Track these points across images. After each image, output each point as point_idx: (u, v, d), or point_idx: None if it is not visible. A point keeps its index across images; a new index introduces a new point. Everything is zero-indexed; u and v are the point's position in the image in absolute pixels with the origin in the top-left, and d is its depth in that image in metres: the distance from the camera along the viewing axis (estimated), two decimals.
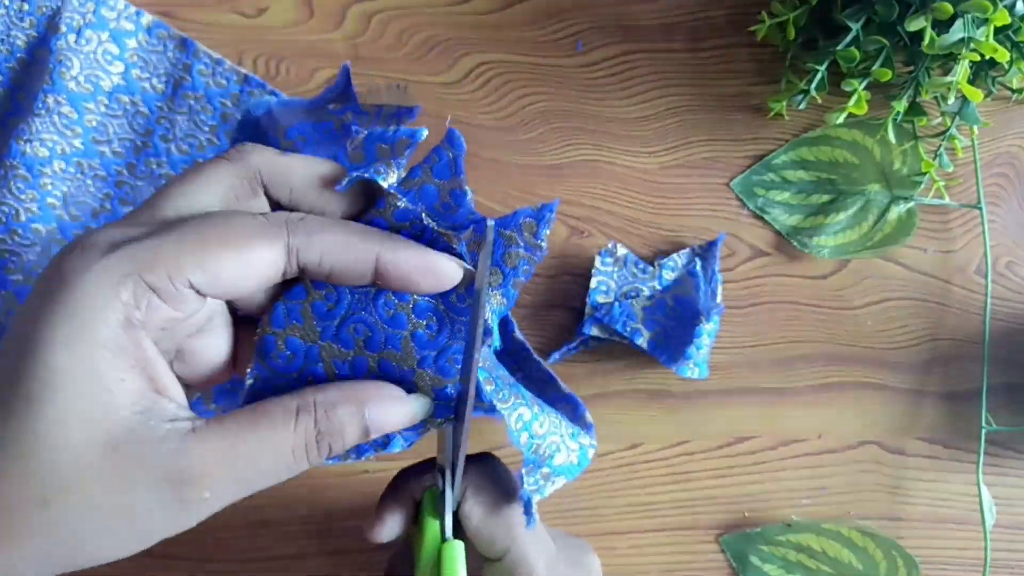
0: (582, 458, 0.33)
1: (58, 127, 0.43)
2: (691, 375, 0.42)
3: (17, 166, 0.42)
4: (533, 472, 0.30)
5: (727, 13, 0.47)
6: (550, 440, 0.30)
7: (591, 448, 0.34)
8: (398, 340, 0.26)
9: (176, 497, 0.22)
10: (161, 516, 0.22)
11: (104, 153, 0.44)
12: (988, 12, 0.36)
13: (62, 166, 0.43)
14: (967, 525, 0.45)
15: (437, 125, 0.46)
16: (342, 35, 0.46)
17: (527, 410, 0.29)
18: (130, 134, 0.45)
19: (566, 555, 0.33)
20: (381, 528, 0.31)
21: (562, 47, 0.47)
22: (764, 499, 0.45)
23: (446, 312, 0.27)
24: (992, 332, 0.45)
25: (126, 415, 0.22)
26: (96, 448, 0.21)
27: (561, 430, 0.32)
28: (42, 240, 0.43)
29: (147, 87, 0.45)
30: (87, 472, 0.21)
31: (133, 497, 0.22)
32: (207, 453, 0.22)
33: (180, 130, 0.45)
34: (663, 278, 0.45)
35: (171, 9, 0.45)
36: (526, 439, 0.29)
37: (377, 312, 0.26)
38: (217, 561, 0.43)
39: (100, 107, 0.44)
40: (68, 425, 0.21)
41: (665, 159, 0.47)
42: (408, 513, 0.31)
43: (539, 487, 0.30)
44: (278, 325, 0.26)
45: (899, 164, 0.46)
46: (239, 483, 0.23)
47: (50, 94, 0.43)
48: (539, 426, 0.30)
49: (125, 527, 0.22)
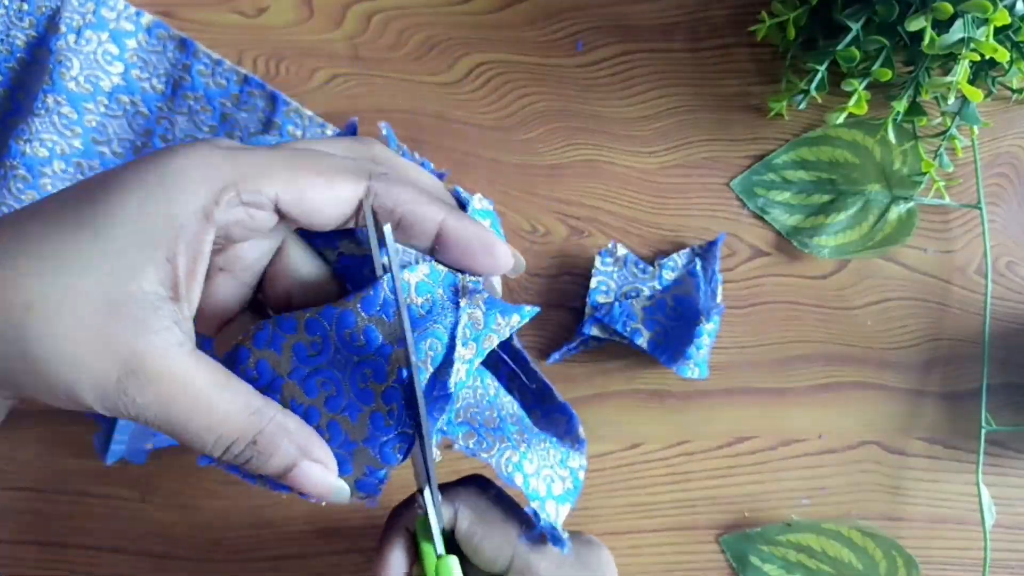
0: (575, 482, 0.33)
1: (58, 127, 0.43)
2: (691, 375, 0.42)
3: (17, 166, 0.42)
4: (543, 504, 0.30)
5: (727, 13, 0.47)
6: (544, 474, 0.31)
7: (581, 470, 0.34)
8: (357, 413, 0.27)
9: (118, 382, 0.23)
10: (94, 386, 0.23)
11: (104, 153, 0.44)
12: (988, 12, 0.36)
13: (62, 166, 0.43)
14: (967, 525, 0.45)
15: (437, 125, 0.46)
16: (342, 35, 0.46)
17: (513, 452, 0.29)
18: (130, 134, 0.45)
19: (575, 554, 0.33)
20: (386, 569, 0.31)
21: (562, 47, 0.47)
22: (764, 499, 0.45)
23: (406, 407, 0.27)
24: (992, 332, 0.45)
25: (149, 290, 0.23)
26: (98, 299, 0.22)
27: (550, 460, 0.32)
28: None
29: (147, 87, 0.45)
30: (77, 307, 0.22)
31: (91, 357, 0.23)
32: (164, 376, 0.23)
33: (180, 130, 0.45)
34: (663, 278, 0.45)
35: (171, 9, 0.45)
36: (521, 479, 0.29)
37: (351, 379, 0.27)
38: (217, 561, 0.43)
39: (100, 107, 0.44)
40: (93, 266, 0.23)
41: (665, 159, 0.47)
42: (407, 547, 0.31)
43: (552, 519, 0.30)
44: (258, 344, 0.27)
45: (899, 164, 0.46)
46: (165, 422, 0.24)
47: (50, 94, 0.43)
48: (528, 464, 0.30)
49: (69, 373, 0.23)
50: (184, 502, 0.44)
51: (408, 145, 0.46)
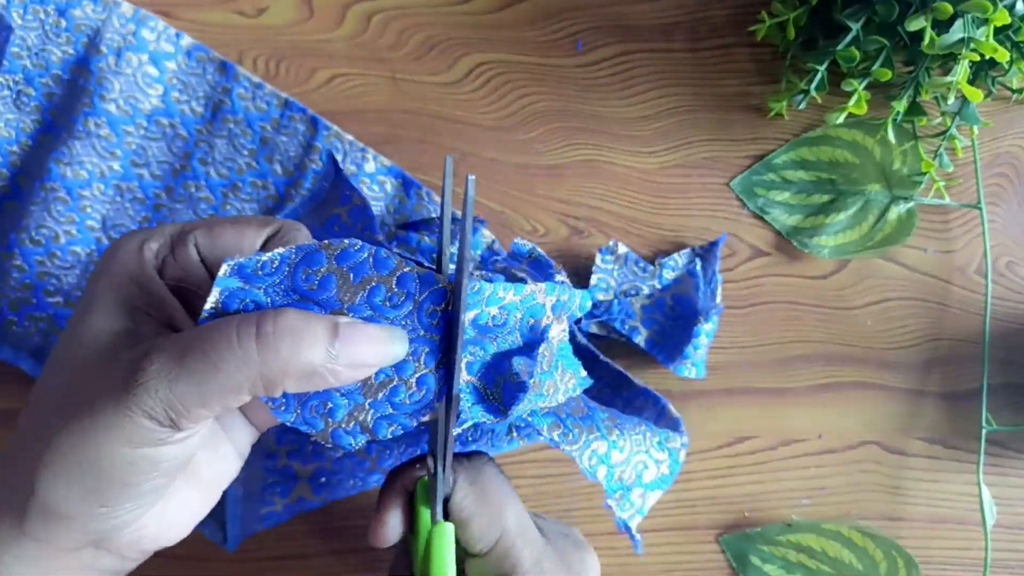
0: (673, 465, 0.33)
1: (98, 150, 0.43)
2: (688, 375, 0.42)
3: (57, 188, 0.42)
4: (625, 497, 0.30)
5: (727, 13, 0.47)
6: (636, 460, 0.31)
7: (682, 449, 0.34)
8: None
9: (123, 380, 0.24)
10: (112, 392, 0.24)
11: (143, 176, 0.44)
12: (988, 12, 0.36)
13: (101, 188, 0.43)
14: (967, 525, 0.45)
15: (437, 125, 0.46)
16: (342, 35, 0.46)
17: (602, 443, 0.29)
18: (169, 157, 0.45)
19: (558, 552, 0.32)
20: (383, 530, 0.31)
21: (562, 47, 0.47)
22: (764, 499, 0.45)
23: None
24: (992, 332, 0.45)
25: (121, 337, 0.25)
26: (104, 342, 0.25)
27: (646, 444, 0.32)
28: (81, 263, 0.43)
29: (186, 110, 0.45)
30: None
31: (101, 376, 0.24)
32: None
33: (219, 153, 0.44)
34: (663, 277, 0.45)
35: (171, 9, 0.45)
36: (604, 472, 0.29)
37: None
38: (217, 561, 0.43)
39: (139, 130, 0.44)
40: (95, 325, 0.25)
41: (665, 159, 0.47)
42: (405, 509, 0.31)
43: (638, 508, 0.30)
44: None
45: (899, 164, 0.46)
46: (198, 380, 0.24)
47: (90, 117, 0.43)
48: (618, 453, 0.30)
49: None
50: None
51: (409, 145, 0.46)
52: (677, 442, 0.34)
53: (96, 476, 0.23)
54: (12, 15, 0.44)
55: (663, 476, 0.32)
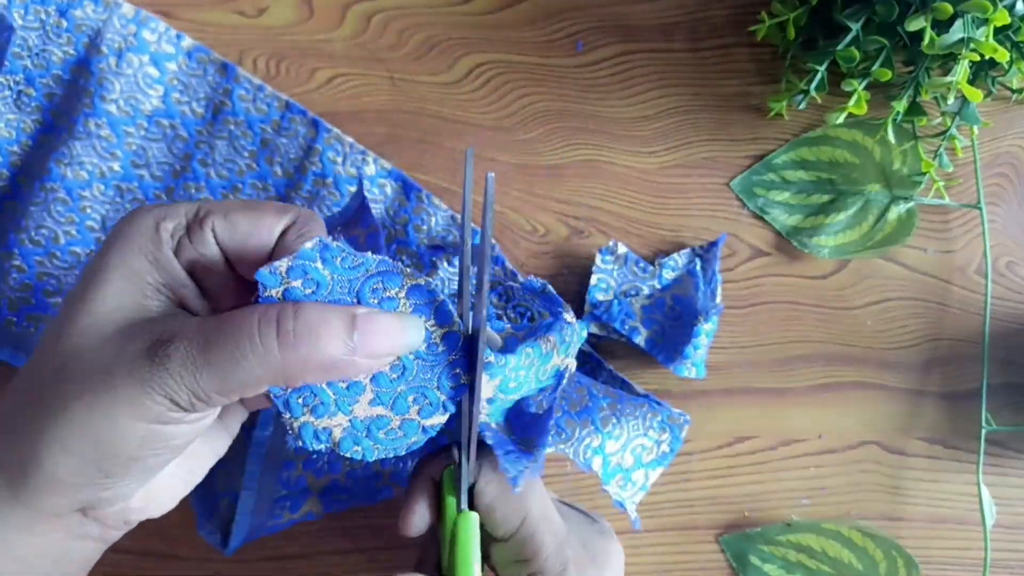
0: (674, 442, 0.35)
1: (98, 151, 0.43)
2: (688, 375, 0.42)
3: (57, 189, 0.42)
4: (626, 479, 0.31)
5: (727, 13, 0.47)
6: (634, 444, 0.32)
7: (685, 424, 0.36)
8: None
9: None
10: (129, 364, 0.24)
11: (143, 177, 0.44)
12: (988, 12, 0.36)
13: (101, 189, 0.43)
14: (967, 525, 0.45)
15: (437, 125, 0.46)
16: (342, 35, 0.46)
17: (595, 437, 0.30)
18: (169, 158, 0.45)
19: (581, 539, 0.33)
20: (412, 518, 0.31)
21: (562, 47, 0.47)
22: (764, 499, 0.45)
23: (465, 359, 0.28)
24: (992, 332, 0.45)
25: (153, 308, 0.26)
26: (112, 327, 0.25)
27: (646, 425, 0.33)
28: (80, 263, 0.43)
29: (186, 111, 0.45)
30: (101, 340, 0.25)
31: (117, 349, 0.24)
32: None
33: (219, 155, 0.45)
34: (663, 278, 0.45)
35: (171, 9, 0.45)
36: (600, 463, 0.30)
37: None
38: (218, 561, 0.43)
39: (140, 131, 0.44)
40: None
41: (665, 159, 0.47)
42: (432, 499, 0.32)
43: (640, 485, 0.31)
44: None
45: (899, 164, 0.46)
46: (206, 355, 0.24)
47: (91, 118, 0.43)
48: (613, 442, 0.31)
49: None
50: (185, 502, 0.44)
51: (409, 145, 0.46)
52: (680, 419, 0.35)
53: (106, 448, 0.24)
54: (13, 15, 0.44)
55: (663, 454, 0.33)
